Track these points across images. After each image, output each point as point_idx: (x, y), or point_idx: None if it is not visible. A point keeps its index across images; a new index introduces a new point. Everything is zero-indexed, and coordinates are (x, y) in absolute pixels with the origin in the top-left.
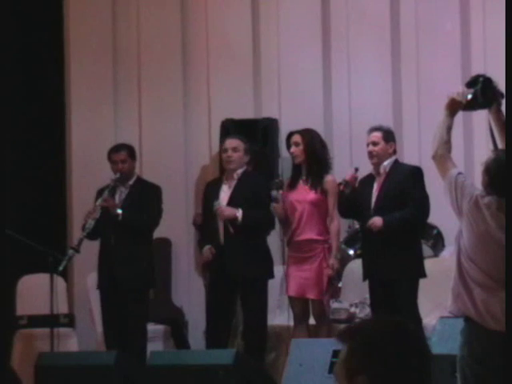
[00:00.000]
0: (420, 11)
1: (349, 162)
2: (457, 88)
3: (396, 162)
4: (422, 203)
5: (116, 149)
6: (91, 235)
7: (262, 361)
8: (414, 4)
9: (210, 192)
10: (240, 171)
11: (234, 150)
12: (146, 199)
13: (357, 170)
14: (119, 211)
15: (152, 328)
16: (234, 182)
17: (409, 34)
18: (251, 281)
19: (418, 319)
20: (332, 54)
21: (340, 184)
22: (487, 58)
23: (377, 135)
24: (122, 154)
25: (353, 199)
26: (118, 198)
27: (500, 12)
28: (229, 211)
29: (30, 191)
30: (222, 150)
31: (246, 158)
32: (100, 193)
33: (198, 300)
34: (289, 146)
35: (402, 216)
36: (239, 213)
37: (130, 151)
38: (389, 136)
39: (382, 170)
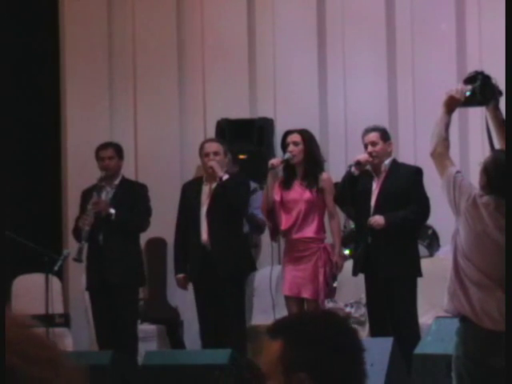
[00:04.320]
0: (415, 11)
1: (344, 161)
2: (454, 86)
3: (395, 161)
4: (424, 204)
5: (103, 146)
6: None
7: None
8: (410, 4)
9: (189, 193)
10: None
11: (216, 153)
12: (133, 199)
13: (372, 157)
14: (112, 211)
15: (147, 328)
16: (215, 183)
17: (404, 34)
18: (235, 279)
19: (416, 320)
20: (327, 54)
21: (350, 166)
22: (483, 58)
23: (375, 135)
24: (109, 151)
25: (354, 185)
26: (103, 198)
27: (495, 11)
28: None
29: (25, 191)
30: (203, 155)
31: (226, 159)
32: (85, 194)
33: (193, 300)
34: (284, 146)
35: (405, 215)
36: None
37: (117, 149)
38: (386, 135)
39: (382, 169)
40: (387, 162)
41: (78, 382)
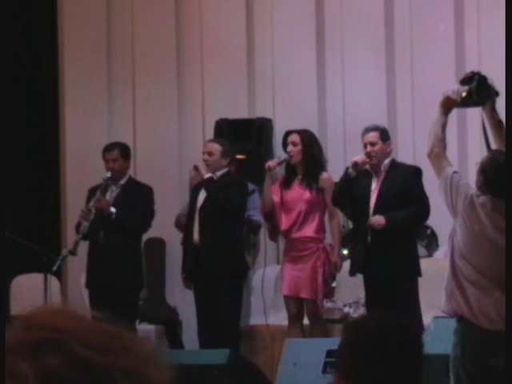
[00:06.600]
0: (414, 11)
1: (343, 161)
2: (452, 86)
3: (393, 161)
4: (424, 204)
5: (108, 147)
6: (86, 236)
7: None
8: (408, 4)
9: (193, 193)
10: (219, 174)
11: (210, 154)
12: (137, 200)
13: (370, 157)
14: (113, 210)
15: (146, 328)
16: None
17: (403, 34)
18: (226, 278)
19: (419, 319)
20: (326, 53)
21: (347, 167)
22: (481, 57)
23: (374, 135)
24: (114, 153)
25: (351, 186)
26: (108, 197)
27: (494, 12)
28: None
29: (23, 191)
30: (203, 153)
31: (223, 160)
32: (92, 192)
33: (192, 300)
34: (285, 146)
35: (405, 215)
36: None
37: (122, 150)
38: (385, 135)
39: (381, 169)
40: (386, 161)
41: (166, 369)
